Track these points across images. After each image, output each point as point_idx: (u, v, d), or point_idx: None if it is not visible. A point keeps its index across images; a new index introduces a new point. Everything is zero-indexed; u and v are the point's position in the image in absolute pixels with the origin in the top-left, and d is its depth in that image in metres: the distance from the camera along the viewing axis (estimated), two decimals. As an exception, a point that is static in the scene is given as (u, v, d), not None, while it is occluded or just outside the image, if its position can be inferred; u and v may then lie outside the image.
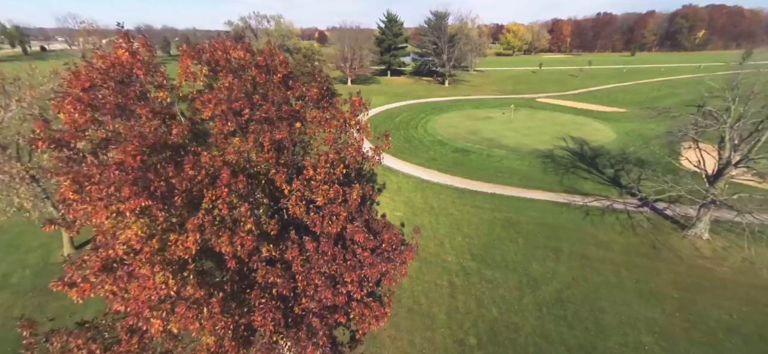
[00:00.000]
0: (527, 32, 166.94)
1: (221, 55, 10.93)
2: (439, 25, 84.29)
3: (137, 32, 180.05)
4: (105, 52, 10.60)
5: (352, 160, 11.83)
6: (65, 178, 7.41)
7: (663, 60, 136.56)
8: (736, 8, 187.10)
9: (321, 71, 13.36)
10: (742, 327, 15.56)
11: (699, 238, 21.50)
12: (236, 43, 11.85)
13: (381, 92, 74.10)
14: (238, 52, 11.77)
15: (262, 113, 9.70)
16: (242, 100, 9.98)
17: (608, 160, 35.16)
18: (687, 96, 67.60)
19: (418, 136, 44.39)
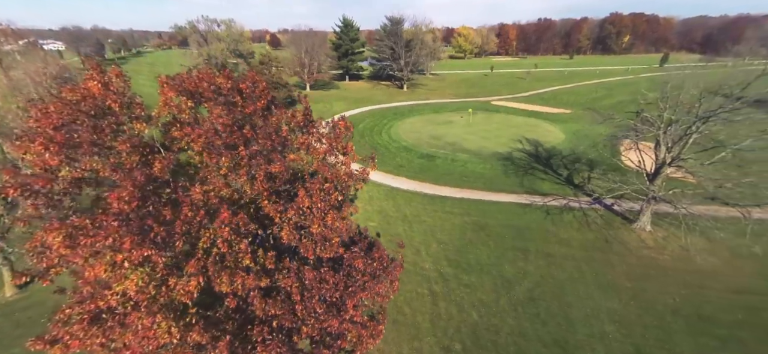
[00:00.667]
0: (477, 36, 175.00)
1: (206, 87, 10.56)
2: (395, 31, 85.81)
3: (63, 32, 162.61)
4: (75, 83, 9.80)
5: (343, 185, 11.93)
6: (55, 233, 6.84)
7: (597, 62, 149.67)
8: (653, 16, 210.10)
9: (307, 101, 13.23)
10: (684, 309, 17.79)
11: (643, 230, 24.13)
12: (218, 71, 11.52)
13: (341, 98, 73.87)
14: (220, 79, 11.45)
15: (257, 147, 9.53)
16: (236, 134, 9.72)
17: (561, 161, 38.08)
18: (621, 97, 74.77)
19: (383, 142, 44.96)
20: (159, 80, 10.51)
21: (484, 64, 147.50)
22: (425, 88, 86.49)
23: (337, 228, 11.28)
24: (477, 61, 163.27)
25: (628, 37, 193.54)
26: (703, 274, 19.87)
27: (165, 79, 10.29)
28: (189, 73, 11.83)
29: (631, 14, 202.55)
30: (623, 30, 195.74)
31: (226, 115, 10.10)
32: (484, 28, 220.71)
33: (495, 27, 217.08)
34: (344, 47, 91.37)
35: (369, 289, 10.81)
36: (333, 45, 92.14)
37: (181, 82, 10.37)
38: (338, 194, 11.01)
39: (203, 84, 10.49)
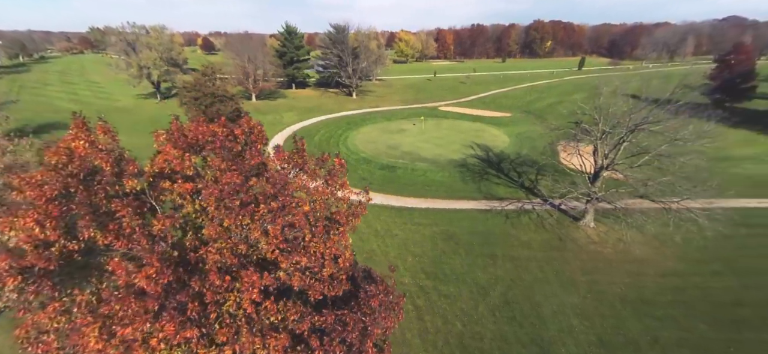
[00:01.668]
0: (417, 41, 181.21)
1: (203, 138, 10.16)
2: (341, 39, 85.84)
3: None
4: (55, 146, 8.89)
5: (345, 220, 12.18)
6: (91, 327, 6.29)
7: (526, 66, 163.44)
8: (569, 24, 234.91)
9: (303, 140, 13.20)
10: (629, 295, 20.69)
11: (588, 227, 27.38)
12: (211, 121, 11.10)
13: (290, 108, 72.12)
14: (216, 127, 11.08)
15: (276, 204, 9.43)
16: (249, 193, 9.48)
17: (510, 164, 41.39)
18: (550, 99, 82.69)
19: (341, 154, 44.68)
20: (155, 136, 9.93)
21: (426, 68, 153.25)
22: (374, 95, 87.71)
23: (346, 267, 11.55)
24: (419, 65, 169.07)
25: (549, 42, 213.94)
26: (639, 262, 23.23)
27: (164, 136, 9.74)
28: (176, 119, 11.27)
29: (551, 22, 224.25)
30: (545, 36, 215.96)
31: (233, 168, 9.82)
32: (423, 32, 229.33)
33: (433, 32, 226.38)
34: (289, 55, 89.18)
35: (382, 324, 11.22)
36: (277, 53, 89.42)
37: (181, 136, 9.87)
38: (348, 239, 11.26)
39: (204, 135, 10.09)
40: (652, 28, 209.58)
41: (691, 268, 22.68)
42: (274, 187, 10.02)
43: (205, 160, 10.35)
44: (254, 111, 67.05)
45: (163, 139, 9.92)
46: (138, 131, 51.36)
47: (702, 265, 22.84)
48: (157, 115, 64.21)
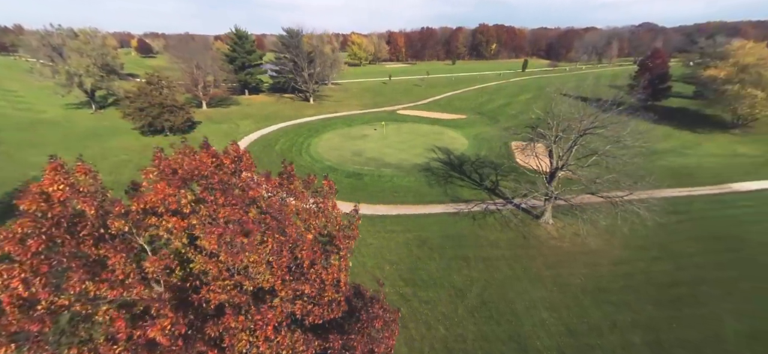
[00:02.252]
0: (370, 44, 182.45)
1: (198, 171, 9.72)
2: (296, 44, 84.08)
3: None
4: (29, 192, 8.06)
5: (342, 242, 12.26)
6: None
7: (474, 68, 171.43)
8: (510, 27, 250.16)
9: (291, 165, 13.02)
10: (588, 285, 22.82)
11: (547, 223, 29.63)
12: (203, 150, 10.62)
13: (246, 115, 69.31)
14: (204, 156, 10.66)
15: (284, 237, 9.28)
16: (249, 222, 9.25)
17: (471, 166, 43.36)
18: (500, 101, 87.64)
19: (305, 163, 44.28)
20: (144, 174, 9.36)
21: (380, 71, 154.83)
22: (331, 100, 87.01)
23: (345, 290, 11.66)
24: (373, 68, 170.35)
25: (494, 45, 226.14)
26: (593, 253, 25.68)
27: (155, 174, 9.18)
28: (160, 152, 10.67)
29: (495, 25, 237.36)
30: (490, 39, 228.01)
31: (232, 202, 9.52)
32: (374, 34, 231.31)
33: (384, 34, 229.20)
34: (240, 60, 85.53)
35: (386, 343, 11.48)
36: (227, 57, 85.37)
37: (173, 172, 9.38)
38: (347, 263, 11.37)
39: (199, 169, 9.67)
40: (582, 33, 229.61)
41: (636, 255, 25.53)
42: (277, 219, 9.88)
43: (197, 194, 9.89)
44: (207, 120, 63.65)
45: (153, 176, 9.36)
46: (72, 146, 46.57)
47: (644, 252, 25.80)
48: (94, 127, 58.47)
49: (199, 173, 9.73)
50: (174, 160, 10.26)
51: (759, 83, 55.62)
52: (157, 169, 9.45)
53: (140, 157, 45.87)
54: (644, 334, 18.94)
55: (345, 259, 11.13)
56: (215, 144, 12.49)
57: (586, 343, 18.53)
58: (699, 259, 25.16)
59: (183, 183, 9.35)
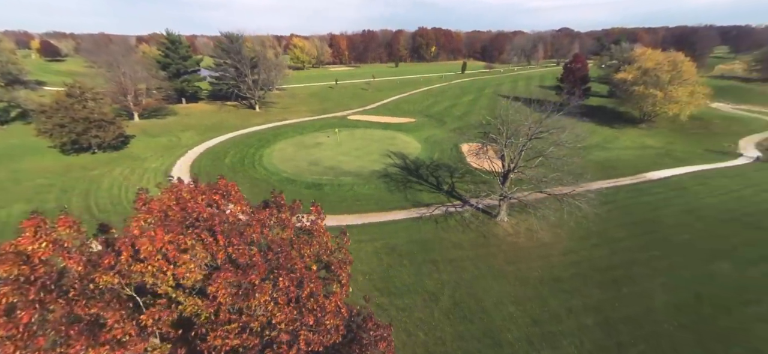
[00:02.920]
0: (312, 47, 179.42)
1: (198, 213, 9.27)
2: (237, 48, 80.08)
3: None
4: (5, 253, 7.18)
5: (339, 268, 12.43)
6: None
7: (417, 70, 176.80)
8: (448, 30, 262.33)
9: (281, 195, 12.83)
10: (544, 276, 25.23)
11: (502, 221, 32.03)
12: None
13: (187, 126, 64.56)
14: (197, 194, 10.19)
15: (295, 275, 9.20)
16: (260, 268, 9.03)
17: (427, 170, 45.07)
18: (445, 103, 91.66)
19: (261, 176, 42.72)
20: (135, 221, 8.71)
21: (325, 75, 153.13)
22: (278, 107, 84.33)
23: (343, 314, 11.86)
24: (317, 71, 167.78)
25: (434, 47, 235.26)
26: (546, 246, 28.39)
27: (149, 220, 8.60)
28: (144, 193, 9.99)
29: (434, 29, 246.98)
30: (430, 41, 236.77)
31: (235, 242, 9.23)
32: (315, 37, 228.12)
33: (326, 37, 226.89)
34: (175, 66, 79.31)
35: (386, 362, 11.87)
36: (160, 64, 78.64)
37: (165, 216, 8.86)
38: (347, 288, 11.57)
39: (194, 210, 9.23)
40: (511, 36, 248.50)
41: (580, 244, 28.73)
42: (282, 256, 9.79)
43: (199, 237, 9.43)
44: (142, 133, 58.22)
45: (147, 223, 8.76)
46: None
47: (586, 241, 29.13)
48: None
49: (198, 215, 9.29)
50: (165, 202, 9.66)
51: (658, 84, 65.09)
52: (152, 214, 8.84)
53: (64, 179, 40.82)
54: (595, 316, 21.52)
55: (346, 287, 11.34)
56: (156, 160, 11.98)
57: (549, 330, 20.57)
58: (628, 243, 29.07)
59: (183, 229, 8.87)
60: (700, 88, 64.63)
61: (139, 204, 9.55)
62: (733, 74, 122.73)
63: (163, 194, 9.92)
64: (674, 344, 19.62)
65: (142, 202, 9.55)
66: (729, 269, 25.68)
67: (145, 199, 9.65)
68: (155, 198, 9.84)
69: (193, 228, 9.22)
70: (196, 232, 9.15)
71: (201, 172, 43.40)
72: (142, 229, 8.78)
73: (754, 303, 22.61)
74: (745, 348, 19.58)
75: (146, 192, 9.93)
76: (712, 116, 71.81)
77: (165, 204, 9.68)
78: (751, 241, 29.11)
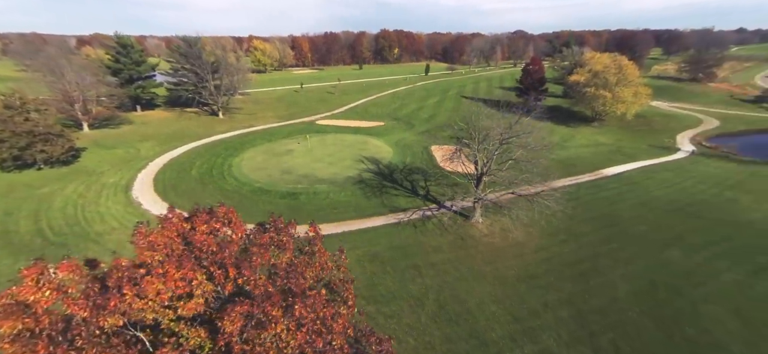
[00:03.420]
0: (274, 50, 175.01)
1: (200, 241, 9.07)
2: (197, 53, 76.56)
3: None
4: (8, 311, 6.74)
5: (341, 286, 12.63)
6: None
7: (381, 72, 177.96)
8: (410, 32, 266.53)
9: (281, 218, 12.77)
10: (520, 274, 26.69)
11: (477, 223, 33.38)
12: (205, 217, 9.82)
13: (145, 136, 60.82)
14: (200, 225, 9.97)
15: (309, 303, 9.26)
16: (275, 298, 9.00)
17: (401, 174, 45.80)
18: (412, 105, 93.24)
19: (232, 187, 41.36)
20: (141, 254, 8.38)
21: (289, 78, 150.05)
22: (243, 113, 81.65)
23: (350, 334, 12.08)
24: (280, 75, 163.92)
25: (396, 49, 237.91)
26: (520, 245, 30.00)
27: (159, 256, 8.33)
28: (145, 226, 9.62)
29: (396, 31, 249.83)
30: (392, 44, 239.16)
31: (246, 273, 9.16)
32: (275, 38, 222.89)
33: (288, 39, 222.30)
34: (127, 71, 74.34)
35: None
36: (110, 69, 73.37)
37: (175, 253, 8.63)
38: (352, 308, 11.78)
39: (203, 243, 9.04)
40: (470, 38, 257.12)
41: (550, 241, 30.66)
42: (291, 281, 9.82)
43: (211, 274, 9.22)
44: (94, 145, 54.18)
45: (156, 260, 8.48)
46: None
47: (555, 238, 31.13)
48: None
49: (207, 249, 9.11)
50: (163, 235, 9.37)
51: (606, 86, 70.45)
52: (158, 251, 8.57)
53: (7, 200, 37.26)
54: (568, 309, 23.15)
55: (353, 307, 11.56)
56: (114, 175, 11.65)
57: (529, 326, 21.87)
58: (592, 237, 31.44)
59: (195, 264, 8.68)
60: (642, 88, 70.82)
61: (140, 239, 9.18)
62: (667, 74, 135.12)
63: (164, 227, 9.59)
64: (638, 329, 21.61)
65: (142, 237, 9.19)
66: (678, 256, 28.58)
67: (145, 232, 9.29)
68: (156, 231, 9.50)
69: (200, 262, 9.04)
70: (204, 266, 8.99)
71: (166, 186, 41.24)
72: (149, 267, 8.49)
73: (700, 285, 25.37)
74: (695, 326, 21.96)
75: (146, 225, 9.54)
76: (653, 114, 78.90)
77: (166, 237, 9.39)
78: (694, 229, 32.53)
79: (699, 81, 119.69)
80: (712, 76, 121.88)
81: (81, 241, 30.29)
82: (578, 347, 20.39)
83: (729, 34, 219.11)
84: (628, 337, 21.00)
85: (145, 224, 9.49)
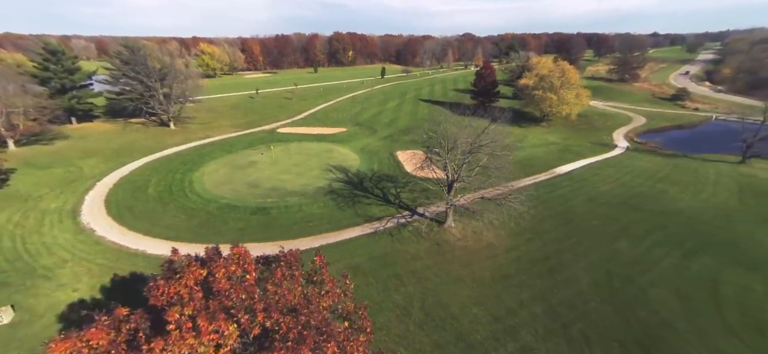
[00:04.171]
0: (224, 53, 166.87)
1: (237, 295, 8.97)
2: (141, 60, 71.07)
3: None
4: None
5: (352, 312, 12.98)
6: None
7: (337, 75, 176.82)
8: (362, 35, 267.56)
9: (292, 251, 12.80)
10: (495, 274, 28.47)
11: (451, 227, 34.91)
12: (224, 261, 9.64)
13: (88, 152, 55.44)
14: (217, 270, 9.84)
15: (339, 341, 9.52)
16: (308, 340, 9.12)
17: (371, 182, 46.34)
18: (372, 110, 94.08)
19: (196, 205, 39.31)
20: (171, 313, 8.16)
21: (240, 83, 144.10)
22: (197, 123, 77.25)
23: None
24: (231, 80, 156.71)
25: (351, 52, 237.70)
26: (492, 246, 31.92)
27: (198, 323, 8.14)
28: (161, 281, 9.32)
29: (349, 33, 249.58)
30: (346, 46, 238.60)
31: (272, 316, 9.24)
32: (220, 39, 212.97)
33: (237, 42, 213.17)
34: (58, 80, 67.18)
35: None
36: (37, 78, 65.82)
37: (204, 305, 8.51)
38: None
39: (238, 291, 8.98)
40: (422, 40, 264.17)
41: (518, 240, 32.96)
42: (314, 317, 10.02)
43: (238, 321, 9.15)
44: (25, 165, 48.53)
45: (184, 316, 8.27)
46: None
47: (522, 237, 33.51)
48: None
49: (236, 296, 9.05)
50: (183, 285, 9.15)
51: (552, 89, 76.44)
52: (192, 307, 8.41)
53: (-75, 236, 32.33)
54: (541, 304, 25.21)
55: (371, 335, 11.98)
56: (55, 199, 11.40)
57: (509, 324, 23.54)
58: (554, 234, 34.28)
59: (226, 315, 8.62)
60: (583, 91, 77.77)
61: (157, 293, 8.89)
62: (599, 75, 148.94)
63: (187, 275, 9.32)
64: (600, 317, 24.14)
65: (160, 290, 8.90)
66: (626, 246, 32.16)
67: (162, 286, 8.99)
68: (173, 282, 9.22)
69: (227, 310, 8.99)
70: (231, 313, 8.96)
71: (121, 208, 38.18)
72: (179, 323, 8.30)
73: (646, 272, 28.81)
74: (646, 309, 24.98)
75: (165, 278, 9.19)
76: (593, 114, 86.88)
77: (186, 287, 9.19)
78: (636, 220, 36.71)
79: (626, 81, 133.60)
80: (637, 77, 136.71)
81: (27, 278, 27.26)
82: (553, 340, 22.36)
83: (645, 38, 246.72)
84: (594, 326, 23.40)
85: (161, 277, 9.13)
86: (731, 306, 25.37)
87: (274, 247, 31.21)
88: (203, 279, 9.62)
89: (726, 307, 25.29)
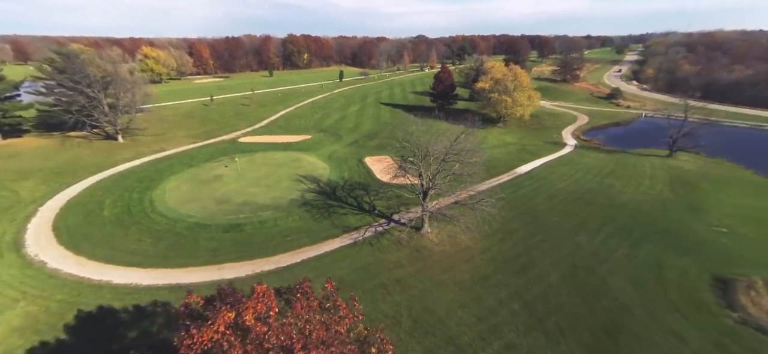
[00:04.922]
0: (170, 57, 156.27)
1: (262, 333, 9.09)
2: (79, 68, 64.90)
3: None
4: None
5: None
6: None
7: (293, 79, 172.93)
8: (317, 37, 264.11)
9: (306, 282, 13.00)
10: (474, 276, 30.11)
11: (427, 233, 36.19)
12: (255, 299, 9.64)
13: (22, 173, 49.69)
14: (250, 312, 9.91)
15: None
16: None
17: (344, 191, 46.45)
18: (335, 115, 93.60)
19: (163, 227, 37.08)
20: None
21: (188, 88, 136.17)
22: (149, 135, 72.02)
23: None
24: (180, 86, 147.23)
25: (306, 55, 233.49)
26: (468, 249, 33.62)
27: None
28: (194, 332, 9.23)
29: (303, 35, 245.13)
30: (301, 49, 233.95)
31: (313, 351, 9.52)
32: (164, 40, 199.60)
33: (184, 44, 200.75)
34: (-21, 92, 59.51)
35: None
36: (-48, 90, 57.74)
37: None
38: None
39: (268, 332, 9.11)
40: (377, 42, 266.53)
41: (491, 241, 35.01)
42: (350, 350, 10.42)
43: None
44: None
45: None
46: None
47: (494, 238, 35.64)
48: None
49: (276, 340, 9.18)
50: (217, 332, 9.14)
51: (507, 91, 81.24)
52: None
53: None
54: (518, 302, 27.18)
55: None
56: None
57: (492, 323, 25.14)
58: (522, 232, 36.85)
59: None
60: (534, 92, 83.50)
61: (192, 342, 8.79)
62: (544, 76, 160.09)
63: (218, 320, 9.27)
64: (572, 309, 26.58)
65: (195, 339, 8.82)
66: (585, 240, 35.46)
67: (196, 335, 8.90)
68: (208, 329, 9.15)
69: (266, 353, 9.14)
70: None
71: (73, 235, 34.98)
72: None
73: (604, 262, 32.06)
74: (608, 297, 27.88)
75: (197, 326, 9.04)
76: (542, 114, 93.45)
77: (217, 333, 9.20)
78: (591, 214, 40.50)
79: (568, 81, 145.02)
80: (577, 77, 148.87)
81: (-28, 325, 24.25)
82: (533, 334, 24.29)
83: (581, 40, 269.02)
84: (566, 317, 25.71)
85: (192, 327, 8.97)
86: (673, 287, 29.08)
87: (254, 267, 30.77)
88: (232, 321, 9.61)
89: (670, 288, 28.94)
